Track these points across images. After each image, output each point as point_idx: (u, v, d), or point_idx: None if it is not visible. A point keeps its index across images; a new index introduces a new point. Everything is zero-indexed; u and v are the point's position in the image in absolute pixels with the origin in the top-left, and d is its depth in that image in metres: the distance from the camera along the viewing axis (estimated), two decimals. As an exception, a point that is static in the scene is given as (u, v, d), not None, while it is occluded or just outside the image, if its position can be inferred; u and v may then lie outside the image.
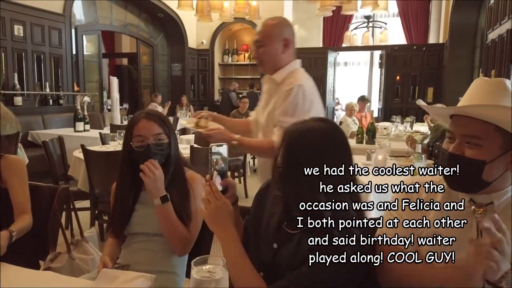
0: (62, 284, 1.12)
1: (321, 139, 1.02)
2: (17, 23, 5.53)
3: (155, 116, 1.46)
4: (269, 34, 1.75)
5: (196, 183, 1.50)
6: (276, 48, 1.75)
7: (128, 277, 1.10)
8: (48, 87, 6.01)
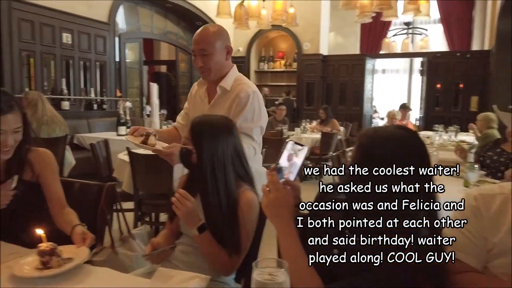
0: (119, 281, 1.14)
1: (400, 146, 1.00)
2: (65, 31, 5.81)
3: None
4: (214, 42, 1.79)
5: (250, 206, 1.40)
6: (221, 56, 1.82)
7: (184, 277, 1.10)
8: (93, 92, 6.27)
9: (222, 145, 1.41)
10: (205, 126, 1.44)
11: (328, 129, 6.34)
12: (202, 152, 1.40)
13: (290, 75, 10.17)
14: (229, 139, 1.43)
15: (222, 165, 1.40)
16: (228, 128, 1.46)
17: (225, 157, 1.41)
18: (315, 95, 9.61)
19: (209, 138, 1.41)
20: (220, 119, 1.51)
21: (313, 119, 7.75)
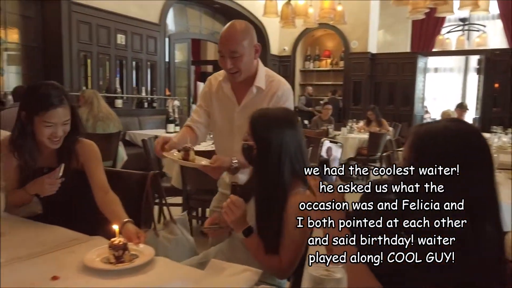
0: (174, 271, 1.16)
1: (456, 140, 0.93)
2: (119, 32, 6.08)
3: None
4: (243, 43, 1.66)
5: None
6: (250, 56, 1.70)
7: (235, 270, 1.10)
8: (144, 91, 6.51)
9: (284, 139, 1.35)
10: (266, 119, 1.39)
11: (377, 129, 6.15)
12: (264, 147, 1.35)
13: (336, 74, 9.99)
14: (291, 132, 1.38)
15: (279, 159, 1.34)
16: (290, 120, 1.41)
17: (287, 152, 1.35)
18: (362, 95, 9.37)
19: (270, 131, 1.36)
20: (282, 111, 1.47)
21: (360, 119, 7.56)
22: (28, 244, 1.29)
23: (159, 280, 1.08)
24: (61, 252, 1.26)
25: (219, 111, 1.86)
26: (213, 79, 1.88)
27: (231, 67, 1.66)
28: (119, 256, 1.16)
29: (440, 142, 0.93)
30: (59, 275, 1.08)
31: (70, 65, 5.38)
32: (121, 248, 1.16)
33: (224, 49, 1.66)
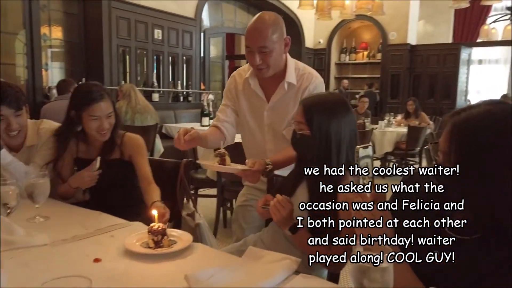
0: (211, 257, 1.16)
1: (501, 126, 0.84)
2: (157, 27, 6.19)
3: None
4: (273, 37, 1.54)
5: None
6: (280, 50, 1.58)
7: (274, 257, 1.08)
8: (179, 85, 6.62)
9: (343, 126, 1.29)
10: (323, 106, 1.32)
11: (416, 123, 5.93)
12: (322, 136, 1.28)
13: (373, 67, 9.73)
14: (348, 118, 1.32)
15: (338, 148, 1.28)
16: (346, 106, 1.34)
17: (343, 139, 1.29)
18: (400, 88, 9.07)
19: (330, 119, 1.29)
20: (336, 96, 1.40)
21: (397, 112, 7.32)
22: (72, 228, 1.33)
23: (197, 265, 1.08)
24: (103, 236, 1.29)
25: (248, 110, 1.76)
26: (237, 75, 1.78)
27: (260, 63, 1.56)
28: (158, 241, 1.17)
29: (483, 130, 0.84)
30: (101, 258, 1.11)
31: (110, 60, 5.54)
32: (160, 233, 1.17)
33: (253, 44, 1.55)
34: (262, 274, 0.99)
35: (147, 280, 1.00)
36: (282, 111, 1.67)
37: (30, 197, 1.38)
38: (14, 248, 1.13)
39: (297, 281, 1.00)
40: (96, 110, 1.69)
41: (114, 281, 0.98)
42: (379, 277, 0.76)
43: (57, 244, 1.20)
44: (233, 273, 1.01)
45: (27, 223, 1.36)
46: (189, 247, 1.19)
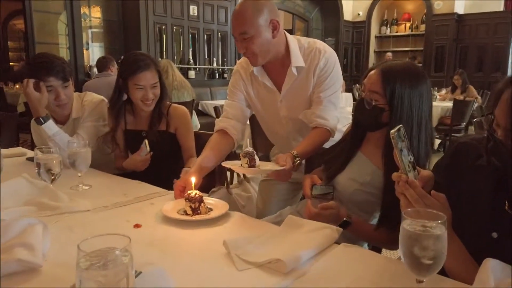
0: (251, 225, 1.14)
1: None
2: (192, 3, 6.17)
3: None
4: (254, 21, 1.39)
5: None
6: (265, 36, 1.42)
7: (314, 226, 1.04)
8: (215, 62, 6.61)
9: (422, 98, 1.15)
10: (404, 74, 1.17)
11: (461, 97, 5.60)
12: (402, 108, 1.15)
13: (416, 39, 9.25)
14: (427, 90, 1.17)
15: (419, 124, 1.15)
16: (425, 77, 1.19)
17: (424, 113, 1.16)
18: (445, 61, 8.58)
19: (409, 89, 1.15)
20: (416, 66, 1.24)
21: (442, 87, 6.95)
22: (113, 195, 1.36)
23: (235, 233, 1.06)
24: (143, 203, 1.30)
25: (261, 104, 1.63)
26: (241, 70, 1.62)
27: (244, 51, 1.44)
28: (195, 208, 1.16)
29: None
30: (141, 224, 1.11)
31: (147, 38, 5.60)
32: (197, 200, 1.16)
33: (233, 30, 1.44)
34: (302, 243, 0.95)
35: (186, 246, 1.00)
36: (297, 99, 1.54)
37: (72, 166, 1.41)
38: (59, 213, 1.17)
39: (339, 250, 0.96)
40: (141, 79, 1.70)
41: (153, 246, 0.99)
42: (432, 245, 0.70)
43: (99, 210, 1.22)
44: (272, 241, 0.99)
45: (71, 191, 1.40)
46: (227, 215, 1.18)
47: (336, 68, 1.52)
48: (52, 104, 1.73)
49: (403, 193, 0.85)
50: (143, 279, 0.70)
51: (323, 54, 1.50)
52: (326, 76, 1.50)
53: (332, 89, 1.51)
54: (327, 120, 1.48)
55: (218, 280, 0.82)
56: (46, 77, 1.67)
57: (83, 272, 0.55)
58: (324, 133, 1.48)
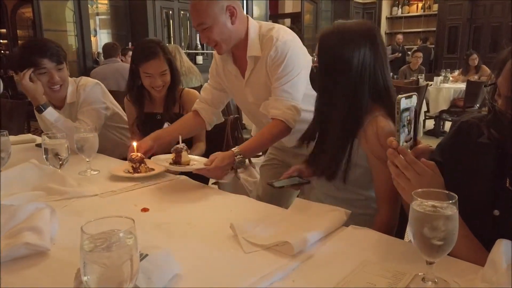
0: (257, 209, 1.14)
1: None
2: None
3: None
4: (209, 12, 1.40)
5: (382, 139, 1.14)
6: (223, 24, 1.43)
7: (322, 209, 1.03)
8: (223, 47, 6.56)
9: (353, 53, 1.11)
10: (334, 33, 1.16)
11: (475, 77, 5.48)
12: (324, 63, 1.16)
13: (428, 20, 9.03)
14: (366, 46, 1.12)
15: (356, 82, 1.12)
16: (369, 34, 1.14)
17: (362, 71, 1.12)
18: (458, 42, 8.38)
19: (338, 45, 1.13)
20: (360, 24, 1.19)
21: (455, 68, 6.80)
22: (121, 180, 1.36)
23: (241, 216, 1.05)
24: (150, 188, 1.30)
25: (231, 90, 1.67)
26: (216, 55, 1.64)
27: (207, 41, 1.47)
28: (136, 168, 1.39)
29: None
30: (148, 208, 1.11)
31: (154, 23, 5.56)
32: (138, 161, 1.39)
33: (193, 22, 1.48)
34: (310, 225, 0.94)
35: (193, 230, 0.99)
36: (260, 87, 1.52)
37: (80, 151, 1.41)
38: (67, 197, 1.17)
39: (348, 232, 0.94)
40: (148, 67, 1.72)
41: (160, 229, 0.99)
42: (442, 226, 0.68)
43: (106, 195, 1.23)
44: (280, 224, 0.98)
45: (79, 176, 1.40)
46: (234, 198, 1.18)
47: (290, 56, 1.44)
48: (46, 87, 1.73)
49: (393, 161, 0.83)
50: (148, 261, 0.69)
51: (274, 42, 1.45)
52: (277, 65, 1.44)
53: (287, 78, 1.44)
54: (280, 110, 1.42)
55: (225, 263, 0.82)
56: (40, 59, 1.68)
57: (86, 254, 0.54)
58: (278, 125, 1.42)
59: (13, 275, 0.76)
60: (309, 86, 1.40)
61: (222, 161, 1.32)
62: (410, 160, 0.81)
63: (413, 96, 0.83)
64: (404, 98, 0.80)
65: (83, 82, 1.88)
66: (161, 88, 1.76)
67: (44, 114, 1.69)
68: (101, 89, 1.90)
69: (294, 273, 0.77)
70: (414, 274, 0.75)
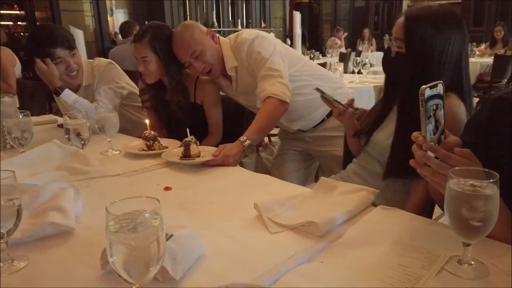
0: (280, 188, 1.11)
1: None
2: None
3: None
4: (196, 39, 1.58)
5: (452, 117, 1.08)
6: (210, 45, 1.61)
7: (349, 188, 1.00)
8: (239, 24, 6.44)
9: (446, 42, 1.06)
10: (425, 18, 1.08)
11: (502, 51, 5.24)
12: (419, 51, 1.08)
13: (453, -9, 8.64)
14: (455, 34, 1.07)
15: (441, 70, 1.06)
16: (455, 20, 1.08)
17: (446, 59, 1.07)
18: (485, 13, 8.00)
19: (430, 32, 1.06)
20: (446, 8, 1.11)
21: (481, 42, 6.52)
22: (142, 160, 1.36)
23: (264, 195, 1.03)
24: (172, 167, 1.29)
25: (229, 96, 1.82)
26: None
27: (203, 67, 1.61)
28: (149, 145, 1.42)
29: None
30: (171, 186, 1.10)
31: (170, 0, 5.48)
32: (151, 138, 1.42)
33: (184, 57, 1.60)
34: (336, 205, 0.91)
35: (216, 209, 0.98)
36: (252, 90, 1.60)
37: (101, 131, 1.41)
38: (90, 177, 1.17)
39: (376, 213, 0.91)
40: (134, 50, 1.68)
41: (184, 209, 0.97)
42: (482, 206, 0.64)
43: (129, 174, 1.22)
44: (305, 203, 0.95)
45: (101, 156, 1.41)
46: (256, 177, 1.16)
47: (256, 46, 1.56)
48: (63, 75, 1.74)
49: (422, 162, 0.75)
50: (174, 241, 0.68)
51: (241, 45, 1.59)
52: (253, 59, 1.56)
53: (263, 62, 1.54)
54: (265, 90, 1.48)
55: (251, 243, 0.80)
56: (53, 50, 1.68)
57: (112, 235, 0.53)
58: (269, 102, 1.47)
59: (40, 254, 0.76)
60: (291, 70, 1.59)
61: (230, 149, 1.33)
62: (443, 155, 0.73)
63: (438, 84, 0.75)
64: (428, 88, 0.73)
65: (96, 63, 1.87)
66: (147, 75, 1.68)
67: (61, 96, 1.69)
68: (116, 69, 1.88)
69: (322, 254, 0.75)
70: (449, 256, 0.71)
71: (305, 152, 1.84)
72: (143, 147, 1.42)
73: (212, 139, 1.76)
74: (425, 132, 0.74)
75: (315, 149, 1.79)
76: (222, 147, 1.33)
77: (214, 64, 1.62)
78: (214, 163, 1.29)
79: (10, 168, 0.72)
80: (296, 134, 1.78)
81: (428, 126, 0.74)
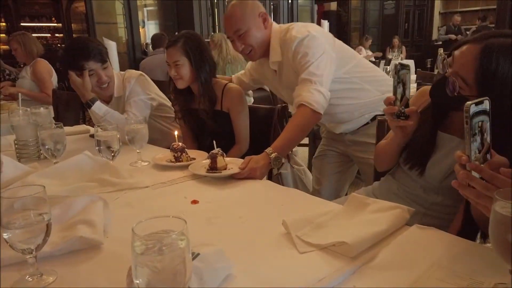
0: (309, 204, 1.08)
1: None
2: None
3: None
4: (244, 18, 1.54)
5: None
6: (258, 27, 1.56)
7: (382, 205, 0.95)
8: (268, 33, 6.47)
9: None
10: (500, 57, 0.90)
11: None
12: (495, 89, 0.91)
13: (488, -3, 8.36)
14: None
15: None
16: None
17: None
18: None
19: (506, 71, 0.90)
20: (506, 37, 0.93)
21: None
22: (170, 172, 1.36)
23: (293, 211, 1.00)
24: (200, 180, 1.28)
25: (271, 86, 1.85)
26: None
27: (243, 47, 1.58)
28: (177, 157, 1.42)
29: None
30: (198, 200, 1.10)
31: (199, 12, 5.60)
32: (179, 150, 1.42)
33: (228, 32, 1.59)
34: (369, 224, 0.87)
35: (244, 225, 0.96)
36: (292, 83, 1.57)
37: (131, 142, 1.43)
38: (119, 189, 1.18)
39: (412, 233, 0.86)
40: (167, 56, 1.71)
41: (210, 224, 0.96)
42: (532, 232, 0.59)
43: (157, 186, 1.22)
44: (336, 221, 0.91)
45: (130, 167, 1.42)
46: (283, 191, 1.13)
47: (304, 47, 1.49)
48: (95, 87, 1.78)
49: (467, 184, 0.70)
50: (201, 261, 0.66)
51: (289, 43, 1.53)
52: (299, 59, 1.50)
53: (307, 65, 1.48)
54: (300, 96, 1.45)
55: (279, 263, 0.77)
56: (85, 62, 1.72)
57: (138, 257, 0.52)
58: (302, 111, 1.44)
59: (68, 268, 0.76)
60: (340, 71, 1.54)
61: (256, 162, 1.31)
62: (488, 176, 0.68)
63: (484, 101, 0.69)
64: (474, 105, 0.68)
65: (127, 75, 1.91)
66: (176, 80, 1.71)
67: (92, 109, 1.74)
68: (146, 80, 1.92)
69: (355, 277, 0.71)
70: (493, 283, 0.66)
71: (344, 154, 1.82)
72: (171, 158, 1.43)
73: (239, 148, 1.75)
74: (469, 151, 0.70)
75: (354, 154, 1.76)
76: (249, 159, 1.32)
77: (255, 48, 1.58)
78: (241, 176, 1.27)
79: (43, 179, 0.73)
80: (338, 135, 1.77)
81: (472, 144, 0.70)
